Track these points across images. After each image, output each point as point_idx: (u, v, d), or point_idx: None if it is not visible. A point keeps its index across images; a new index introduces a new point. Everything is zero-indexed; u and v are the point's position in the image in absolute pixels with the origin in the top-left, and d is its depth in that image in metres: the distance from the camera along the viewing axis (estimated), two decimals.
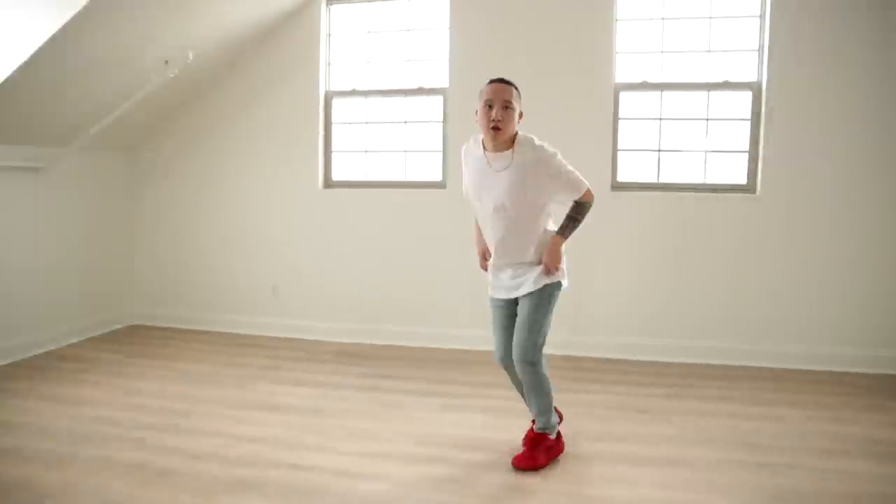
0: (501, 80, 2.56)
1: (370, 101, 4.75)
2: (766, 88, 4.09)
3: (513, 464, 2.72)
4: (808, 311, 4.15)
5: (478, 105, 2.55)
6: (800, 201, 4.12)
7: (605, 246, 4.30)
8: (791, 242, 4.15)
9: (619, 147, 4.36)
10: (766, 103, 4.10)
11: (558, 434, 2.83)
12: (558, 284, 2.68)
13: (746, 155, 4.23)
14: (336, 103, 4.78)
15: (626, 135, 4.37)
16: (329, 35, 4.75)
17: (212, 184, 4.95)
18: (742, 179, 4.25)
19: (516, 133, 2.58)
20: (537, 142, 2.57)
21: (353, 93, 4.75)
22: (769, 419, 3.30)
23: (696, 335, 4.27)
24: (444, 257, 4.54)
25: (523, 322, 2.64)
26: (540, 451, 2.74)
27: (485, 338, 4.38)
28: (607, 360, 4.26)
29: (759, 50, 4.15)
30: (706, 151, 4.32)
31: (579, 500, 2.50)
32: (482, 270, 2.91)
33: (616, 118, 4.32)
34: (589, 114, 4.30)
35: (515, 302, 2.73)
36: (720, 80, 4.22)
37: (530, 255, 2.65)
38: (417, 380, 3.90)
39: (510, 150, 2.54)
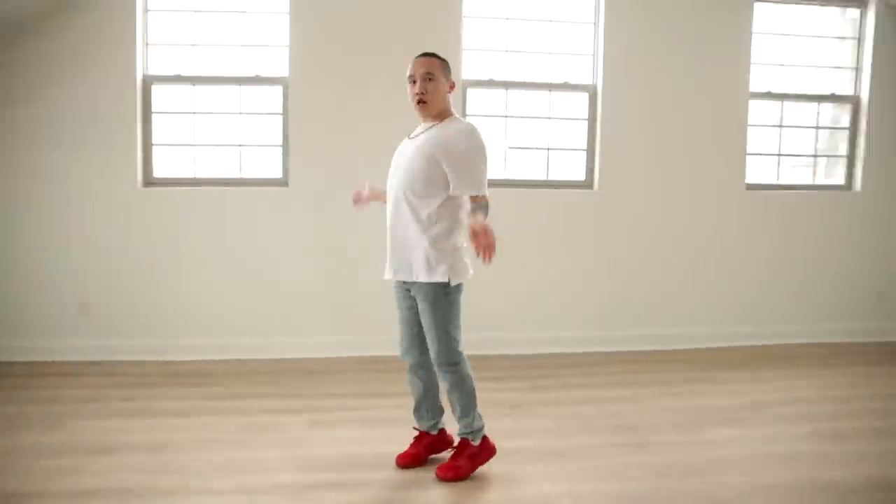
0: (424, 54, 2.51)
1: (198, 90, 4.21)
2: (602, 90, 4.38)
3: (437, 474, 2.60)
4: (644, 297, 4.53)
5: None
6: (639, 197, 4.49)
7: None
8: (628, 234, 4.50)
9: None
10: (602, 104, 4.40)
11: (484, 438, 2.66)
12: (446, 287, 2.48)
13: (584, 153, 4.49)
14: (157, 90, 4.17)
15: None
16: (147, 11, 4.13)
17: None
18: (581, 176, 4.51)
19: (451, 113, 2.54)
20: (467, 128, 2.48)
21: (178, 79, 4.19)
22: (629, 400, 3.53)
23: (548, 326, 4.45)
24: (290, 261, 4.20)
25: (428, 330, 2.54)
26: (462, 459, 2.61)
27: (344, 343, 4.24)
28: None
29: (593, 55, 4.42)
30: (548, 149, 4.50)
31: None
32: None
33: (463, 115, 4.32)
34: None
35: (409, 292, 2.58)
36: (560, 81, 4.43)
37: (412, 233, 2.47)
38: (276, 396, 3.54)
39: (433, 124, 2.50)
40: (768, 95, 4.67)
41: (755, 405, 3.46)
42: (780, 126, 4.74)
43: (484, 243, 2.22)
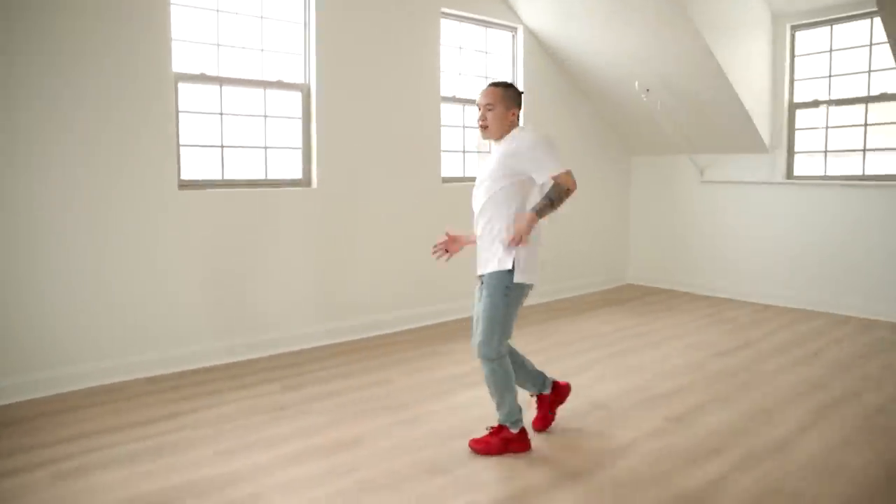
0: (492, 83, 2.88)
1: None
2: (316, 90, 4.49)
3: (469, 445, 2.87)
4: (364, 286, 4.80)
5: None
6: (354, 193, 4.70)
7: (169, 246, 3.96)
8: (347, 230, 4.70)
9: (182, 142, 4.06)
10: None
11: (522, 431, 2.86)
12: (510, 279, 2.73)
13: (300, 151, 4.54)
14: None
15: (188, 130, 4.10)
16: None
17: None
18: (298, 174, 4.55)
19: (515, 127, 2.87)
20: (525, 130, 2.84)
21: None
22: (382, 383, 3.75)
23: (271, 327, 4.40)
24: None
25: (481, 313, 2.77)
26: (496, 440, 2.84)
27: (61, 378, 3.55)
28: (190, 372, 3.95)
29: (304, 54, 4.49)
30: (265, 148, 4.43)
31: None
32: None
33: (176, 111, 3.98)
34: (146, 106, 3.84)
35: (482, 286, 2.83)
36: (274, 79, 4.39)
37: (495, 233, 2.77)
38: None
39: (500, 140, 2.85)
40: (453, 100, 5.38)
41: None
42: (464, 127, 5.50)
43: (516, 237, 2.69)
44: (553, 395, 3.08)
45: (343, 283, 4.69)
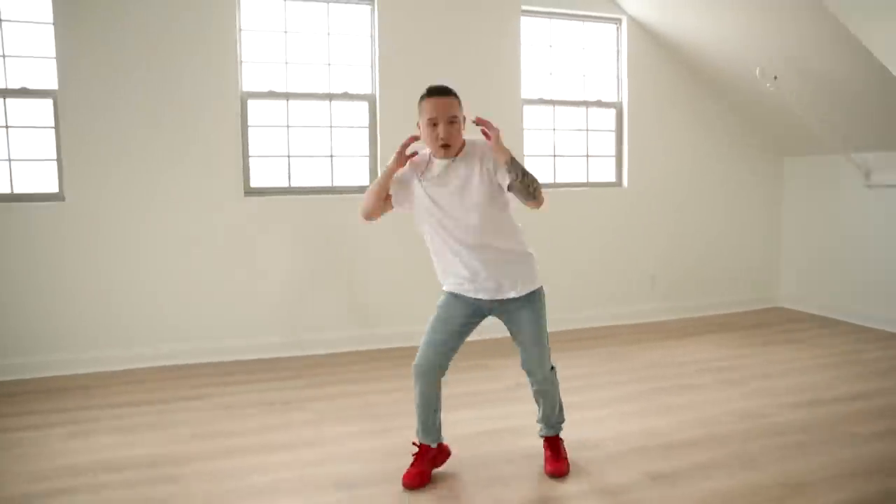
0: (440, 91, 2.40)
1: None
2: (380, 99, 4.62)
3: (553, 473, 2.67)
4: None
5: (420, 118, 2.43)
6: None
7: (234, 247, 4.41)
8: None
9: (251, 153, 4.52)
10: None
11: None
12: (541, 290, 2.60)
13: (367, 159, 4.71)
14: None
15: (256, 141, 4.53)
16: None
17: None
18: (365, 181, 4.73)
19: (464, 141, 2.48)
20: (469, 136, 2.49)
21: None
22: (381, 392, 3.75)
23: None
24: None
25: (535, 338, 2.56)
26: (563, 451, 2.77)
27: (85, 360, 4.17)
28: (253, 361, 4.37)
29: (371, 65, 4.65)
30: (331, 156, 4.69)
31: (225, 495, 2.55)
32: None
33: (245, 126, 4.44)
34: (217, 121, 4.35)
35: (479, 314, 2.58)
36: (340, 91, 4.65)
37: (506, 248, 2.51)
38: (31, 413, 3.48)
39: (457, 158, 2.45)
40: (540, 101, 5.10)
41: (518, 386, 3.80)
42: (554, 129, 5.19)
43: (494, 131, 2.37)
44: (438, 452, 2.71)
45: (410, 289, 4.72)
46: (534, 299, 2.55)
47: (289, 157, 4.58)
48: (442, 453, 2.72)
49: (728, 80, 5.23)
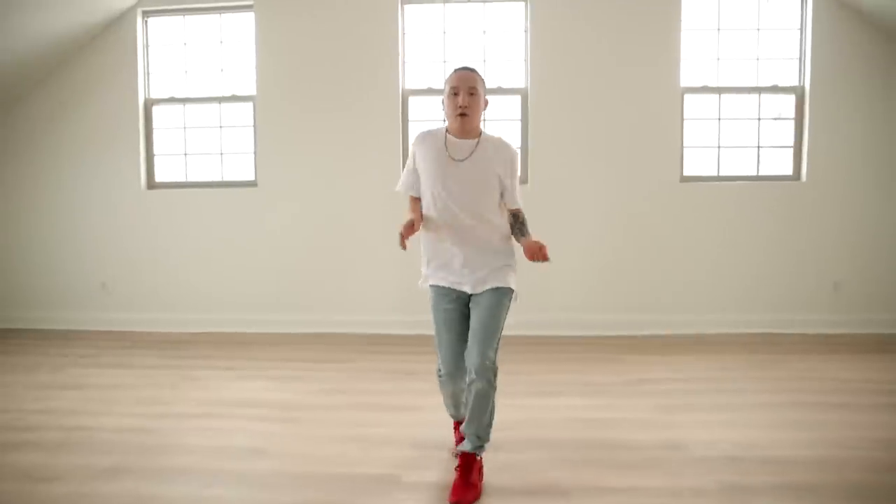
0: (465, 68, 2.50)
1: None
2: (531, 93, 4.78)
3: (458, 501, 2.36)
4: (589, 287, 4.85)
5: (444, 94, 2.50)
6: (568, 190, 4.83)
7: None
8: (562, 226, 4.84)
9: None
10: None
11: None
12: (512, 291, 2.53)
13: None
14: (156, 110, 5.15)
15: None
16: (147, 45, 5.11)
17: (36, 187, 5.19)
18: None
19: (481, 128, 2.54)
20: (510, 143, 2.56)
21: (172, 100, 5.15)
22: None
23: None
24: (253, 254, 5.01)
25: (484, 325, 2.41)
26: (475, 475, 2.48)
27: (271, 321, 4.96)
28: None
29: (525, 59, 4.82)
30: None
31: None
32: (401, 245, 2.38)
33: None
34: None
35: (466, 303, 2.55)
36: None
37: (494, 246, 2.54)
38: (218, 358, 4.33)
39: (475, 141, 2.49)
40: (704, 89, 4.80)
41: (640, 381, 3.75)
42: (719, 119, 4.84)
43: (541, 257, 2.35)
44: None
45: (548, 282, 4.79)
46: (505, 292, 2.50)
47: None
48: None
49: None
